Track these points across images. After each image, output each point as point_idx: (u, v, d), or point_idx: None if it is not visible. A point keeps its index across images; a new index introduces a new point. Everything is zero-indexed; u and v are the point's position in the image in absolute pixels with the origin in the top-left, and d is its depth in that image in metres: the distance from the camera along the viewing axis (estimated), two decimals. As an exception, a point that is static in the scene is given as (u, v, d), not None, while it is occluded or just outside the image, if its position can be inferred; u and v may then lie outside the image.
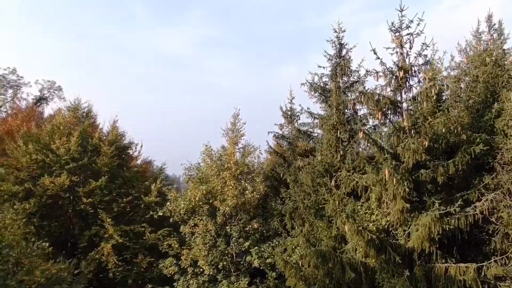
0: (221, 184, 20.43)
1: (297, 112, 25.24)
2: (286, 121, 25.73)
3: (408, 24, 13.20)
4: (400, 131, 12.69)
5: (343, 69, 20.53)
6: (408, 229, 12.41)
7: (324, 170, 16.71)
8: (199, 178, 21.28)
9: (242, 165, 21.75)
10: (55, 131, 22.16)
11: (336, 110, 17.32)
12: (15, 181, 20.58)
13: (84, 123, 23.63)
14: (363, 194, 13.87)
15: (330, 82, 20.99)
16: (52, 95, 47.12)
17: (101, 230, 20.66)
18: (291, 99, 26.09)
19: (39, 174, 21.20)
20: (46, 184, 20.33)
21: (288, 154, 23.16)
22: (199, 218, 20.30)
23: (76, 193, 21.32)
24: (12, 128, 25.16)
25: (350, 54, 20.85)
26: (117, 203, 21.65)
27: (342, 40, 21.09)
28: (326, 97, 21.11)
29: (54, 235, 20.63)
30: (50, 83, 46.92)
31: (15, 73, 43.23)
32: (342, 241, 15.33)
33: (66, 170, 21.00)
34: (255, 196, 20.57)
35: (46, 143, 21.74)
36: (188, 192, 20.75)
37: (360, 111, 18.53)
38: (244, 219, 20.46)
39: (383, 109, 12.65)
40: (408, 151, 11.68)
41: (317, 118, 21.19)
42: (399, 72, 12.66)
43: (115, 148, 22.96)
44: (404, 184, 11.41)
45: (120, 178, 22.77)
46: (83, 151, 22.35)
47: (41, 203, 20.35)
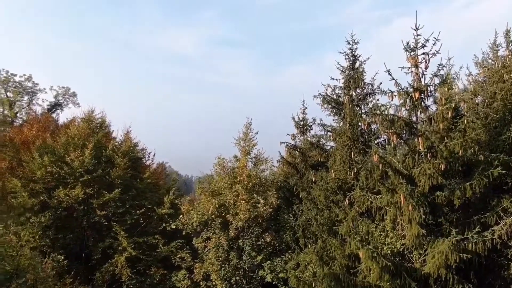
0: (233, 197, 20.44)
1: (310, 122, 25.17)
2: (298, 131, 25.56)
3: (423, 43, 12.99)
4: (415, 153, 12.50)
5: (357, 82, 20.33)
6: (424, 253, 12.21)
7: (338, 187, 16.56)
8: (212, 190, 21.30)
9: (255, 178, 21.73)
10: (69, 143, 22.42)
11: (349, 126, 17.15)
12: (31, 193, 20.87)
13: (98, 134, 23.84)
14: (377, 215, 13.71)
15: (343, 94, 20.81)
16: (66, 101, 47.96)
17: (115, 242, 20.82)
18: (303, 109, 25.87)
19: (54, 186, 21.47)
20: (61, 197, 20.59)
21: (301, 166, 23.02)
22: (212, 231, 20.33)
23: (90, 205, 21.54)
24: (27, 139, 25.54)
25: (363, 66, 20.68)
26: (130, 215, 21.82)
27: (355, 52, 20.86)
28: (339, 109, 20.94)
29: (68, 247, 20.87)
30: (65, 89, 47.77)
31: (30, 80, 44.06)
32: (356, 260, 15.12)
33: (80, 182, 21.23)
34: (268, 210, 20.50)
35: (61, 155, 22.00)
36: (200, 205, 20.80)
37: (374, 124, 18.36)
38: (256, 232, 20.43)
39: (398, 131, 12.44)
40: (424, 176, 11.48)
41: (330, 132, 21.02)
42: (415, 93, 12.45)
43: (128, 160, 23.13)
44: (420, 210, 11.21)
45: (133, 190, 22.93)
46: (97, 162, 22.57)
47: (56, 215, 20.60)
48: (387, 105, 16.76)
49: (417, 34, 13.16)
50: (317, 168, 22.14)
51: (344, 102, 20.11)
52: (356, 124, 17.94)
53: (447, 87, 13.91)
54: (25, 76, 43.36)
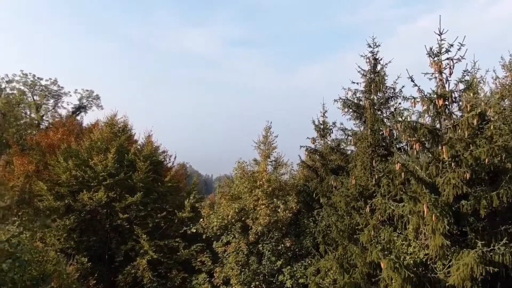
0: (253, 202, 20.46)
1: (330, 126, 25.03)
2: (318, 135, 25.44)
3: (447, 48, 12.71)
4: (439, 161, 12.22)
5: (378, 86, 20.05)
6: (448, 263, 11.92)
7: (358, 193, 16.36)
8: (232, 195, 21.38)
9: (274, 182, 21.69)
10: (93, 147, 22.92)
11: (370, 131, 16.91)
12: (56, 196, 21.44)
13: (121, 138, 24.28)
14: (399, 223, 13.47)
15: (364, 98, 20.55)
16: (90, 104, 49.11)
17: (137, 245, 21.17)
18: (323, 112, 25.76)
19: (78, 189, 21.99)
20: (85, 200, 21.07)
21: (321, 170, 22.86)
22: (232, 235, 20.41)
23: (113, 208, 21.95)
24: (53, 142, 26.25)
25: (385, 69, 20.38)
26: (151, 218, 22.14)
27: (376, 55, 20.59)
28: (359, 114, 20.69)
29: (92, 249, 21.34)
30: (89, 92, 48.90)
31: (56, 84, 45.26)
32: (378, 268, 14.88)
33: (103, 186, 21.67)
34: (288, 215, 20.43)
35: (85, 159, 22.52)
36: (220, 209, 20.91)
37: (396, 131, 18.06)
38: (276, 237, 20.39)
39: (421, 139, 12.19)
40: (448, 185, 11.20)
41: (351, 136, 20.80)
42: (438, 100, 12.17)
43: (149, 163, 23.47)
44: (444, 220, 10.95)
45: (155, 193, 23.26)
46: (120, 166, 22.99)
47: (80, 218, 21.10)
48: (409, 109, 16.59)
49: (441, 39, 12.89)
50: (337, 173, 21.93)
51: (365, 106, 19.88)
52: (378, 129, 17.69)
53: (472, 92, 13.57)
54: (50, 80, 44.62)
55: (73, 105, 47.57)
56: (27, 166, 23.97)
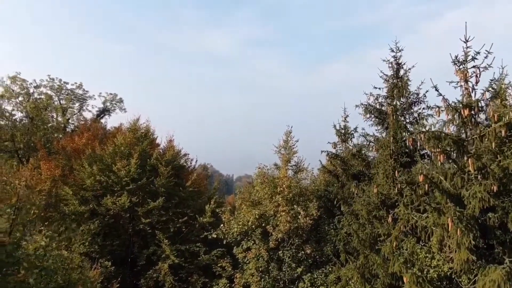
0: (274, 208, 20.44)
1: (351, 130, 24.85)
2: (339, 140, 25.25)
3: (474, 56, 12.36)
4: (464, 172, 11.89)
5: (401, 91, 19.71)
6: (474, 278, 11.58)
7: (380, 202, 16.10)
8: (252, 200, 21.42)
9: (295, 188, 21.61)
10: (116, 152, 23.37)
11: (393, 139, 16.62)
12: (81, 201, 21.97)
13: (143, 143, 24.67)
14: (423, 234, 13.17)
15: (386, 104, 20.22)
16: (114, 107, 50.13)
17: (159, 249, 21.47)
18: (345, 117, 25.54)
19: (102, 194, 22.47)
20: (108, 205, 21.50)
21: (342, 176, 22.64)
22: (252, 241, 20.44)
23: (136, 212, 22.33)
24: (78, 147, 26.91)
25: (408, 74, 20.03)
26: (173, 223, 22.40)
27: (399, 60, 20.27)
28: (382, 119, 20.37)
29: (115, 252, 21.75)
30: (112, 95, 49.94)
31: (81, 88, 46.40)
32: (400, 279, 14.62)
33: (126, 190, 22.06)
34: (308, 222, 20.30)
35: (108, 164, 22.98)
36: (241, 215, 20.97)
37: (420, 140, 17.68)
38: (296, 244, 20.30)
39: (445, 150, 11.88)
40: (474, 199, 10.88)
41: (373, 142, 20.49)
42: (464, 110, 11.84)
43: (171, 168, 23.76)
44: (470, 235, 10.64)
45: (176, 197, 23.52)
46: (142, 171, 23.37)
47: (104, 222, 21.55)
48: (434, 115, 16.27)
49: (467, 46, 12.55)
50: (358, 178, 21.68)
51: (387, 112, 19.54)
52: (400, 135, 17.38)
53: (500, 99, 13.14)
54: (76, 84, 45.79)
55: (98, 108, 48.71)
56: (54, 171, 24.64)
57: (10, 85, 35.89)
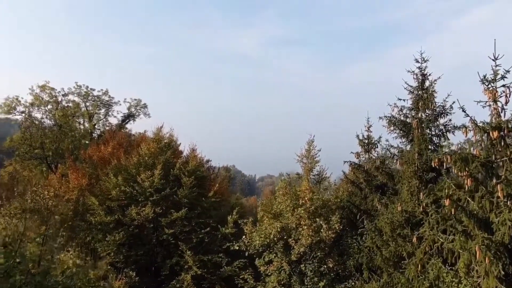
0: (295, 221, 20.36)
1: (375, 140, 24.55)
2: (362, 150, 24.95)
3: (503, 74, 11.94)
4: (493, 196, 11.51)
5: (426, 104, 19.31)
6: (503, 306, 11.21)
7: (405, 220, 15.80)
8: (274, 213, 21.40)
9: (317, 200, 21.46)
10: (141, 163, 23.82)
11: (418, 155, 16.27)
12: (106, 211, 22.50)
13: (166, 153, 25.04)
14: (449, 256, 12.83)
15: (411, 117, 19.83)
16: (138, 112, 51.13)
17: (181, 260, 21.74)
18: (368, 126, 25.20)
19: (127, 204, 22.94)
20: (133, 215, 21.94)
21: (366, 190, 22.35)
22: (274, 254, 20.42)
23: (159, 223, 22.69)
24: (104, 156, 27.58)
25: (434, 86, 19.62)
26: (195, 233, 22.64)
27: (425, 71, 19.87)
28: (406, 132, 20.00)
29: (139, 262, 22.16)
30: (137, 101, 50.99)
31: (107, 94, 47.57)
32: (425, 301, 14.34)
33: (150, 201, 22.45)
34: (331, 236, 20.11)
35: (133, 175, 23.45)
36: (262, 227, 20.99)
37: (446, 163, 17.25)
38: (319, 257, 20.16)
39: (473, 173, 11.53)
40: (504, 226, 10.53)
41: (397, 155, 20.13)
42: (493, 132, 11.45)
43: (194, 178, 24.02)
44: (499, 263, 10.30)
45: (199, 208, 23.77)
46: (165, 181, 23.72)
47: (129, 232, 21.99)
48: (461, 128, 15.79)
49: (496, 64, 12.14)
50: (382, 189, 21.39)
51: (412, 125, 19.16)
52: (425, 151, 17.01)
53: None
54: (102, 90, 46.98)
55: (123, 114, 49.78)
56: (81, 180, 25.35)
57: (40, 94, 37.12)
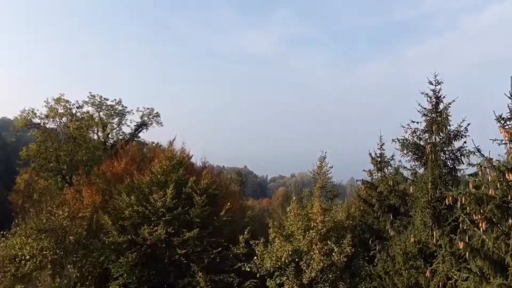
0: (307, 244, 20.31)
1: (388, 159, 24.41)
2: (375, 168, 24.81)
3: (519, 113, 11.74)
4: (509, 238, 11.33)
5: (440, 127, 19.09)
6: None
7: (418, 250, 15.65)
8: (285, 235, 21.38)
9: (329, 222, 21.38)
10: (153, 181, 24.04)
11: (431, 185, 16.08)
12: (119, 230, 22.77)
13: (179, 171, 25.20)
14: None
15: (424, 141, 19.61)
16: (151, 121, 51.50)
17: (193, 280, 21.86)
18: (380, 144, 25.04)
19: (139, 223, 23.17)
20: (145, 235, 22.15)
21: (378, 212, 22.19)
22: (285, 276, 20.40)
23: (171, 242, 22.86)
24: (117, 172, 27.91)
25: (448, 109, 19.40)
26: (207, 253, 22.73)
27: (438, 93, 19.68)
28: (420, 156, 19.80)
29: (151, 282, 22.36)
30: (149, 110, 51.30)
31: (120, 104, 48.03)
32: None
33: (162, 221, 22.64)
34: (342, 259, 20.00)
35: (146, 194, 23.67)
36: (274, 249, 20.98)
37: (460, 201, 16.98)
38: (330, 279, 20.08)
39: (488, 215, 11.36)
40: (519, 272, 10.36)
41: (410, 179, 19.91)
42: (509, 174, 11.25)
43: (206, 197, 24.15)
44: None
45: (211, 227, 23.87)
46: (177, 199, 23.87)
47: (141, 252, 22.21)
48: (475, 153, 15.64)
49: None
50: (395, 210, 21.23)
51: (425, 150, 18.95)
52: (440, 179, 16.83)
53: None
54: (115, 100, 47.47)
55: (136, 123, 50.21)
56: (95, 197, 25.70)
57: (55, 106, 37.74)
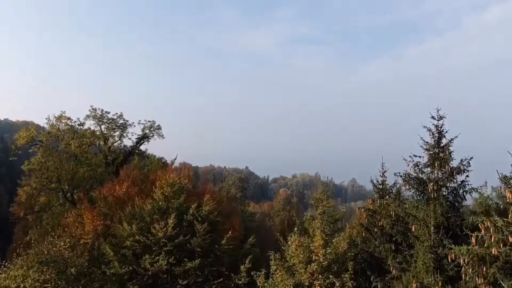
0: (308, 278, 20.26)
1: (390, 186, 24.53)
2: (377, 196, 24.88)
3: (523, 174, 11.68)
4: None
5: (443, 164, 19.04)
6: None
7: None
8: (286, 267, 21.32)
9: (331, 254, 21.34)
10: (155, 210, 24.01)
11: (434, 229, 16.01)
12: (121, 260, 22.73)
13: (180, 198, 25.15)
14: None
15: (426, 175, 19.55)
16: (152, 133, 51.47)
17: (195, 311, 21.87)
18: (382, 172, 25.06)
19: (141, 252, 23.14)
20: (146, 266, 22.12)
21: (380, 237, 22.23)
22: (287, 311, 20.35)
23: (173, 272, 22.83)
24: (119, 196, 27.89)
25: (451, 145, 19.36)
26: (208, 283, 22.71)
27: (441, 128, 19.64)
28: (422, 191, 19.75)
29: (153, 313, 22.38)
30: (151, 122, 51.28)
31: (121, 117, 48.08)
32: None
33: (164, 251, 22.60)
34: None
35: (147, 222, 23.65)
36: (275, 282, 20.93)
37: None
38: (332, 313, 20.04)
39: (490, 280, 11.31)
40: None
41: (412, 215, 19.84)
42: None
43: (208, 224, 24.10)
44: None
45: (212, 255, 23.83)
46: (179, 226, 23.83)
47: (143, 282, 22.19)
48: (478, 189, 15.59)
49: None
50: (396, 243, 21.24)
51: (428, 187, 18.88)
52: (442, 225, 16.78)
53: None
54: (116, 114, 47.51)
55: (137, 135, 50.22)
56: (96, 222, 25.69)
57: (56, 123, 37.74)
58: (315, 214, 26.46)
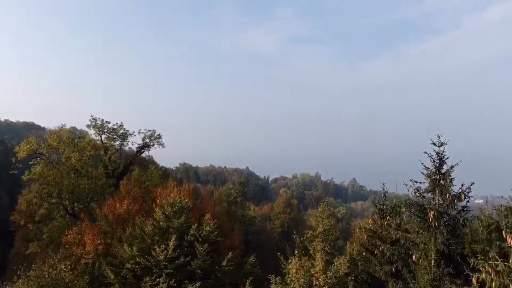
0: (309, 304, 20.28)
1: (390, 207, 24.78)
2: (378, 217, 25.03)
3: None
4: None
5: (444, 192, 19.08)
6: None
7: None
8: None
9: (332, 278, 21.36)
10: (156, 231, 24.00)
11: (434, 261, 16.03)
12: (121, 281, 22.73)
13: (181, 217, 25.15)
14: None
15: (427, 202, 19.57)
16: (153, 142, 51.46)
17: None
18: (383, 192, 25.18)
19: (141, 274, 23.13)
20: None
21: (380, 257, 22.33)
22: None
23: (174, 295, 22.81)
24: (119, 213, 27.88)
25: (451, 172, 19.41)
26: (209, 306, 22.72)
27: (442, 155, 19.72)
28: (422, 217, 19.79)
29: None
30: (151, 132, 51.30)
31: (122, 127, 48.03)
32: None
33: (164, 273, 22.59)
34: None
35: (148, 244, 23.63)
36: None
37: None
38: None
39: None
40: None
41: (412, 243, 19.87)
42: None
43: (208, 244, 24.08)
44: None
45: (213, 276, 23.82)
46: (179, 247, 23.82)
47: (144, 306, 22.19)
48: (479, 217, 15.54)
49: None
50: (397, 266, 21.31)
51: (429, 215, 18.90)
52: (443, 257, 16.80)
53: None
54: (117, 124, 47.49)
55: (138, 144, 50.20)
56: (97, 240, 25.69)
57: (57, 137, 37.71)
58: (315, 232, 26.46)
